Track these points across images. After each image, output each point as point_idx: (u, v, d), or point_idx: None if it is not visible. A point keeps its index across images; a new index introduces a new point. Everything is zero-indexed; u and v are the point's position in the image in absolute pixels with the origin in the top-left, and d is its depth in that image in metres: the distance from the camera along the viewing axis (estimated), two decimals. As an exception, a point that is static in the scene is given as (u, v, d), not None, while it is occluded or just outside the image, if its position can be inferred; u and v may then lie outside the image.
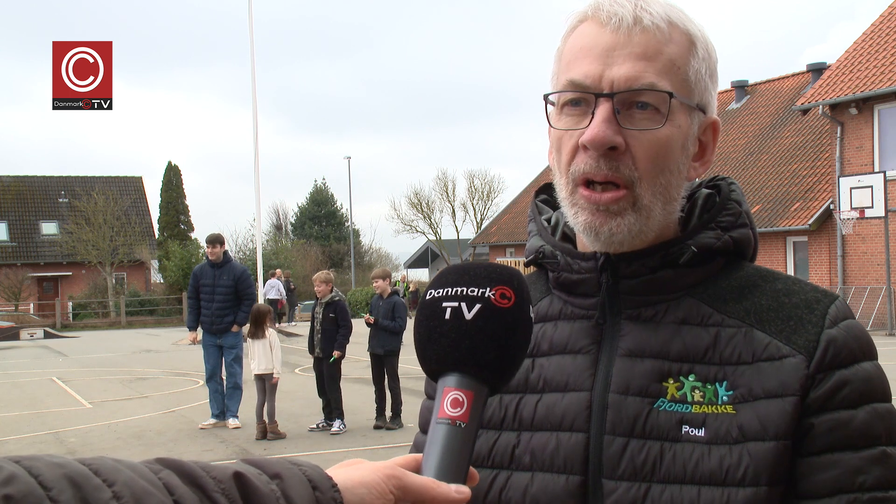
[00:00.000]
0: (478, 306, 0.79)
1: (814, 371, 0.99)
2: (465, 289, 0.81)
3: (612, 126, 1.01)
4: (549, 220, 1.20)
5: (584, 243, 1.11)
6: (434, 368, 0.81)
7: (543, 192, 1.24)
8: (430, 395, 1.21)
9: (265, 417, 9.52)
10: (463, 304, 0.80)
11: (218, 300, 10.08)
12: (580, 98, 1.05)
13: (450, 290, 0.81)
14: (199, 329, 10.49)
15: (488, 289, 0.80)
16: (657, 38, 1.03)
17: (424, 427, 1.20)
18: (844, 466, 0.97)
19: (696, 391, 1.01)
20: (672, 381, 1.02)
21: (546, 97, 1.09)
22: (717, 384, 1.01)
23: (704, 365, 1.02)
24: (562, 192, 1.09)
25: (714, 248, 1.08)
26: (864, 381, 1.00)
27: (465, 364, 0.78)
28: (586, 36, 1.06)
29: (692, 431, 0.99)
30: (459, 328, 0.79)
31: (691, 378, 1.02)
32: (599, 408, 1.04)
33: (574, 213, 1.07)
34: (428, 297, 0.83)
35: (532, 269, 1.24)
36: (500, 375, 0.80)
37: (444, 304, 0.80)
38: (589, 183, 1.04)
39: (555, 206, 1.18)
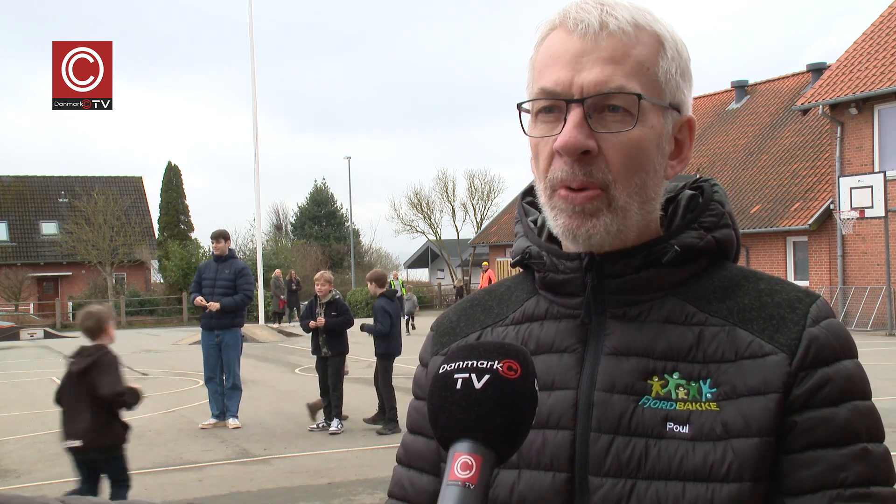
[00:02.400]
0: (486, 377, 0.85)
1: (796, 369, 1.00)
2: (474, 362, 0.87)
3: (584, 130, 1.03)
4: (535, 222, 1.22)
5: (568, 244, 1.13)
6: (445, 435, 0.85)
7: (530, 193, 1.26)
8: (418, 396, 1.23)
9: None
10: (473, 375, 0.86)
11: (218, 293, 10.07)
12: (552, 105, 1.06)
13: (461, 363, 0.87)
14: (199, 329, 10.51)
15: (496, 362, 0.86)
16: (624, 42, 1.05)
17: (412, 427, 1.22)
18: (827, 463, 0.98)
19: (681, 389, 1.03)
20: (657, 379, 1.04)
21: (520, 106, 1.11)
22: (700, 382, 1.02)
23: (688, 363, 1.04)
24: (542, 197, 1.11)
25: (697, 247, 1.10)
26: (846, 378, 1.01)
27: (474, 430, 0.83)
28: (555, 44, 1.08)
29: (676, 428, 1.01)
30: (469, 397, 0.84)
31: (675, 376, 1.03)
32: (585, 405, 1.05)
33: (554, 216, 1.09)
34: (440, 371, 0.88)
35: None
36: (507, 441, 0.84)
37: (456, 376, 0.86)
38: (567, 188, 1.06)
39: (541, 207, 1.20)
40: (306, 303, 10.47)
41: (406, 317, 26.26)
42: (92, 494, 5.30)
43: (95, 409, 5.33)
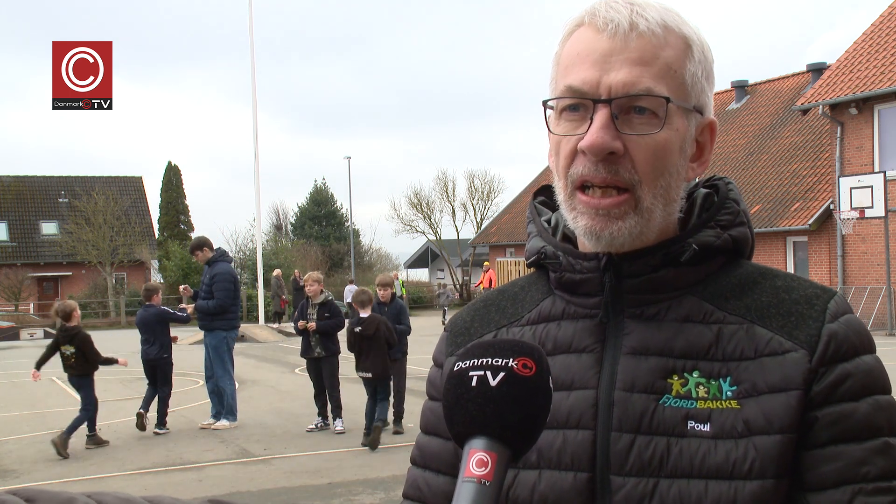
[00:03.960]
0: (502, 374, 0.85)
1: (816, 365, 1.00)
2: (490, 359, 0.87)
3: (611, 132, 1.03)
4: (548, 222, 1.22)
5: (585, 243, 1.13)
6: (461, 432, 0.85)
7: (541, 193, 1.25)
8: (433, 397, 1.22)
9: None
10: (488, 373, 0.86)
11: (200, 298, 10.29)
12: (578, 103, 1.06)
13: (476, 361, 0.87)
14: (199, 329, 10.54)
15: (511, 359, 0.86)
16: (653, 43, 1.04)
17: (427, 428, 1.22)
18: (848, 458, 0.98)
19: (701, 387, 1.03)
20: (677, 378, 1.04)
21: (545, 103, 1.10)
22: (720, 380, 1.02)
23: (708, 361, 1.04)
24: (560, 194, 1.10)
25: (714, 246, 1.10)
26: (866, 373, 1.01)
27: (490, 427, 0.83)
28: (583, 42, 1.07)
29: (698, 426, 1.01)
30: (485, 394, 0.84)
31: (695, 374, 1.04)
32: (605, 405, 1.05)
33: (573, 217, 1.08)
34: (455, 369, 0.88)
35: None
36: (523, 438, 0.84)
37: (471, 374, 0.87)
38: (586, 187, 1.06)
39: (553, 207, 1.19)
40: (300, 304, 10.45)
41: (442, 309, 28.68)
42: (373, 407, 9.12)
43: (376, 355, 9.09)
